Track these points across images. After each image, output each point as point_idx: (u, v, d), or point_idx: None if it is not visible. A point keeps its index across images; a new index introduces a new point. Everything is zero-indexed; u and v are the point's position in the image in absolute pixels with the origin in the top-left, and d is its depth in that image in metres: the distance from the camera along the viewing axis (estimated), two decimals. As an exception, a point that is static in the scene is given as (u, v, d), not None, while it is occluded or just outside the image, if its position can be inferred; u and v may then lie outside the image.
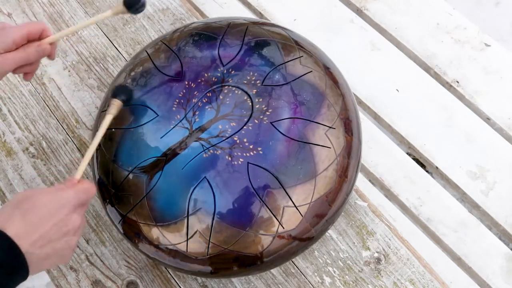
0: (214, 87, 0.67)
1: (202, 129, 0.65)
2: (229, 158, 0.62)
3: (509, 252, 0.91)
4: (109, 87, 0.77)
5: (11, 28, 0.63)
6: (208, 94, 0.67)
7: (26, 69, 0.66)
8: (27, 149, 0.86)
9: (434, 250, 0.92)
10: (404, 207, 0.95)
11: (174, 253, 0.64)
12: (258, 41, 0.70)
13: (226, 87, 0.67)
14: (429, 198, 0.95)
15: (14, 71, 0.65)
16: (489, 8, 1.55)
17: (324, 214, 0.64)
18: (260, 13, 1.11)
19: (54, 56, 0.69)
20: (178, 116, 0.66)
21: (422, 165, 0.99)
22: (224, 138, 0.64)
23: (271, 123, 0.64)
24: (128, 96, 0.66)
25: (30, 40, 0.65)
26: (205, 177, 0.62)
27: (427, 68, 1.04)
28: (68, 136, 0.86)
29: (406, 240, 0.76)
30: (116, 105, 0.64)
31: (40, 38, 0.66)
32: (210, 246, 0.62)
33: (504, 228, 0.92)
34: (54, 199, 0.53)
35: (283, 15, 1.11)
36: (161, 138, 0.65)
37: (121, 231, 0.67)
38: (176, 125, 0.66)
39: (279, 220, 0.61)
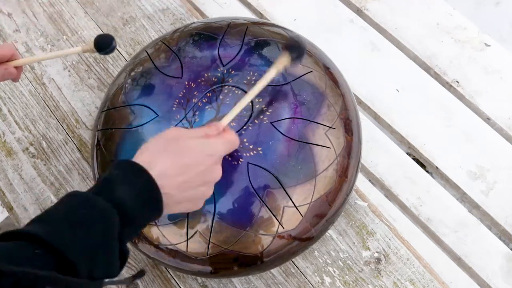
0: (214, 87, 0.67)
1: (202, 129, 0.65)
2: (229, 158, 0.62)
3: (509, 252, 0.91)
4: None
5: None
6: (208, 94, 0.67)
7: None
8: (27, 149, 0.86)
9: (434, 250, 0.92)
10: (404, 207, 0.95)
11: (174, 253, 0.64)
12: (258, 41, 0.70)
13: (226, 87, 0.67)
14: (429, 198, 0.95)
15: None
16: (489, 8, 1.55)
17: (324, 214, 0.64)
18: (260, 13, 1.11)
19: (19, 79, 0.70)
20: (178, 116, 0.66)
21: (422, 165, 0.99)
22: (224, 138, 0.64)
23: (271, 123, 0.64)
24: (300, 56, 0.62)
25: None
26: (205, 177, 0.62)
27: (427, 68, 1.04)
28: (68, 136, 0.86)
29: (406, 240, 0.76)
30: (285, 60, 0.60)
31: (7, 60, 0.66)
32: (210, 246, 0.62)
33: (504, 228, 0.92)
34: (205, 146, 0.52)
35: (283, 15, 1.11)
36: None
37: (121, 231, 0.67)
38: (176, 125, 0.66)
39: (279, 220, 0.61)
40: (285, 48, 0.61)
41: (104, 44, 0.65)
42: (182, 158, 0.51)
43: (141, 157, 0.51)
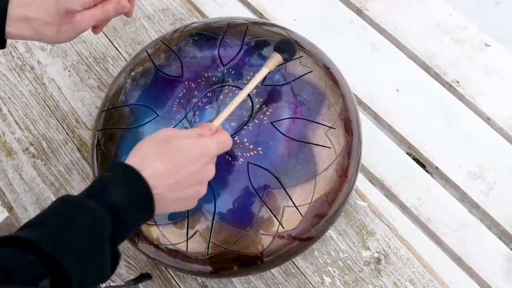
0: (214, 87, 0.67)
1: (202, 129, 0.65)
2: (229, 158, 0.62)
3: (509, 252, 0.91)
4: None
5: None
6: (208, 94, 0.67)
7: (101, 25, 0.65)
8: (27, 149, 0.86)
9: (434, 250, 0.92)
10: (404, 207, 0.95)
11: (174, 253, 0.64)
12: (258, 41, 0.70)
13: (226, 87, 0.67)
14: (429, 198, 0.95)
15: (93, 28, 0.64)
16: (489, 8, 1.55)
17: (324, 214, 0.64)
18: (260, 13, 1.11)
19: (132, 13, 0.67)
20: (178, 116, 0.66)
21: (422, 165, 0.99)
22: (224, 138, 0.64)
23: (271, 123, 0.64)
24: (291, 55, 0.63)
25: None
26: (205, 177, 0.62)
27: (427, 68, 1.04)
28: (68, 136, 0.86)
29: (406, 240, 0.76)
30: (275, 60, 0.61)
31: None
32: (210, 246, 0.62)
33: (504, 228, 0.91)
34: (197, 146, 0.52)
35: (283, 15, 1.11)
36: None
37: (121, 231, 0.67)
38: (176, 125, 0.66)
39: (279, 220, 0.61)
40: (276, 47, 0.62)
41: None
42: (174, 158, 0.51)
43: (133, 159, 0.50)
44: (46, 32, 0.60)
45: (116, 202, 0.47)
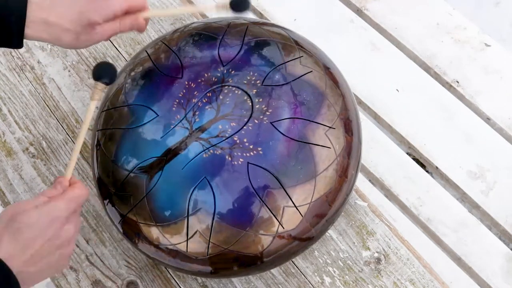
0: (214, 87, 0.67)
1: (202, 129, 0.65)
2: (229, 158, 0.62)
3: (509, 252, 0.91)
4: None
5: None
6: (208, 94, 0.67)
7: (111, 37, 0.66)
8: (27, 149, 0.86)
9: (434, 250, 0.93)
10: (404, 207, 0.95)
11: (174, 253, 0.64)
12: (258, 41, 0.70)
13: (226, 87, 0.67)
14: (429, 198, 0.95)
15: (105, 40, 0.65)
16: (489, 8, 1.55)
17: (324, 214, 0.64)
18: (260, 13, 1.11)
19: (144, 31, 0.68)
20: (178, 116, 0.66)
21: (422, 165, 0.99)
22: (224, 138, 0.64)
23: (271, 123, 0.64)
24: (112, 76, 0.61)
25: (127, 12, 0.64)
26: (205, 177, 0.62)
27: (427, 68, 1.04)
28: (68, 136, 0.86)
29: (406, 240, 0.76)
30: (100, 89, 0.60)
31: (137, 11, 0.65)
32: (210, 246, 0.62)
33: (504, 228, 0.92)
34: (44, 215, 0.51)
35: (283, 15, 1.11)
36: (161, 138, 0.65)
37: (121, 231, 0.67)
38: (176, 125, 0.66)
39: (279, 220, 0.61)
40: (95, 76, 0.60)
41: (239, 4, 0.64)
42: (24, 234, 0.50)
43: None
44: (64, 38, 0.61)
45: None
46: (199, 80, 0.68)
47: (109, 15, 0.62)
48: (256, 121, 0.64)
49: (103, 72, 0.61)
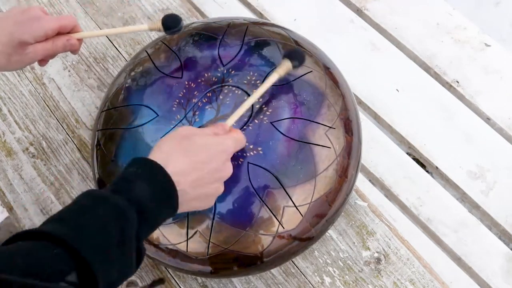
0: (214, 87, 0.67)
1: (202, 129, 0.65)
2: (229, 158, 0.62)
3: (509, 252, 0.91)
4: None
5: (45, 19, 0.63)
6: (208, 94, 0.67)
7: (47, 58, 0.67)
8: (27, 149, 0.86)
9: (434, 250, 0.92)
10: (404, 207, 0.95)
11: (174, 253, 0.64)
12: (258, 41, 0.70)
13: (226, 87, 0.67)
14: (429, 198, 0.95)
15: (39, 60, 0.66)
16: (489, 8, 1.55)
17: (324, 214, 0.64)
18: (260, 13, 1.11)
19: (78, 52, 0.69)
20: (178, 116, 0.66)
21: (422, 165, 0.99)
22: (224, 138, 0.64)
23: (271, 123, 0.64)
24: (301, 63, 0.65)
25: (60, 33, 0.65)
26: (205, 177, 0.62)
27: (427, 68, 1.04)
28: (68, 136, 0.86)
29: (406, 240, 0.76)
30: (286, 66, 0.63)
31: (69, 32, 0.66)
32: (210, 246, 0.62)
33: (504, 228, 0.92)
34: (216, 144, 0.53)
35: (283, 15, 1.11)
36: (161, 138, 0.65)
37: (121, 231, 0.67)
38: (176, 125, 0.66)
39: (279, 220, 0.61)
40: (287, 55, 0.64)
41: (172, 24, 0.66)
42: (196, 155, 0.52)
43: (156, 155, 0.51)
44: None
45: (141, 198, 0.47)
46: (199, 80, 0.68)
47: (40, 35, 0.62)
48: (256, 121, 0.64)
49: (296, 56, 0.64)
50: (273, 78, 0.62)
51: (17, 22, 0.61)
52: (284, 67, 0.63)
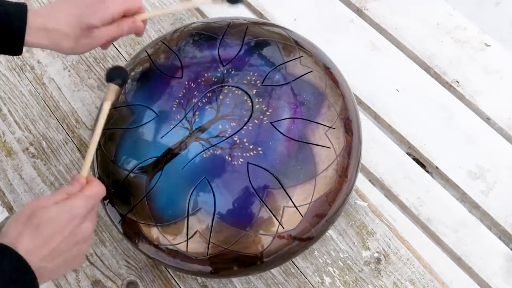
0: (214, 87, 0.67)
1: (202, 129, 0.65)
2: (229, 158, 0.62)
3: (509, 252, 0.91)
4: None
5: (111, 2, 0.63)
6: (208, 94, 0.67)
7: (111, 41, 0.67)
8: (27, 149, 0.86)
9: (434, 250, 0.93)
10: (404, 207, 0.95)
11: (174, 253, 0.64)
12: (258, 41, 0.70)
13: (226, 87, 0.67)
14: (429, 198, 0.95)
15: (102, 44, 0.66)
16: (489, 8, 1.55)
17: (324, 214, 0.64)
18: (260, 13, 1.11)
19: (143, 34, 0.69)
20: (178, 116, 0.66)
21: (422, 165, 0.99)
22: (224, 138, 0.64)
23: (271, 123, 0.64)
24: (124, 78, 0.64)
25: (125, 16, 0.65)
26: (205, 177, 0.62)
27: (427, 68, 1.04)
28: (68, 136, 0.86)
29: (406, 240, 0.76)
30: (112, 90, 0.62)
31: (134, 14, 0.66)
32: (210, 246, 0.62)
33: (504, 228, 0.92)
34: (63, 212, 0.52)
35: (283, 15, 1.11)
36: (161, 138, 0.65)
37: (121, 231, 0.67)
38: (176, 125, 0.66)
39: (279, 220, 0.61)
40: (108, 78, 0.62)
41: None
42: (42, 231, 0.51)
43: (4, 241, 0.50)
44: (63, 44, 0.62)
45: None
46: (199, 80, 0.68)
47: (107, 18, 0.62)
48: (256, 121, 0.64)
49: (115, 74, 0.63)
50: (106, 107, 0.61)
51: (84, 6, 0.62)
52: (111, 92, 0.61)
